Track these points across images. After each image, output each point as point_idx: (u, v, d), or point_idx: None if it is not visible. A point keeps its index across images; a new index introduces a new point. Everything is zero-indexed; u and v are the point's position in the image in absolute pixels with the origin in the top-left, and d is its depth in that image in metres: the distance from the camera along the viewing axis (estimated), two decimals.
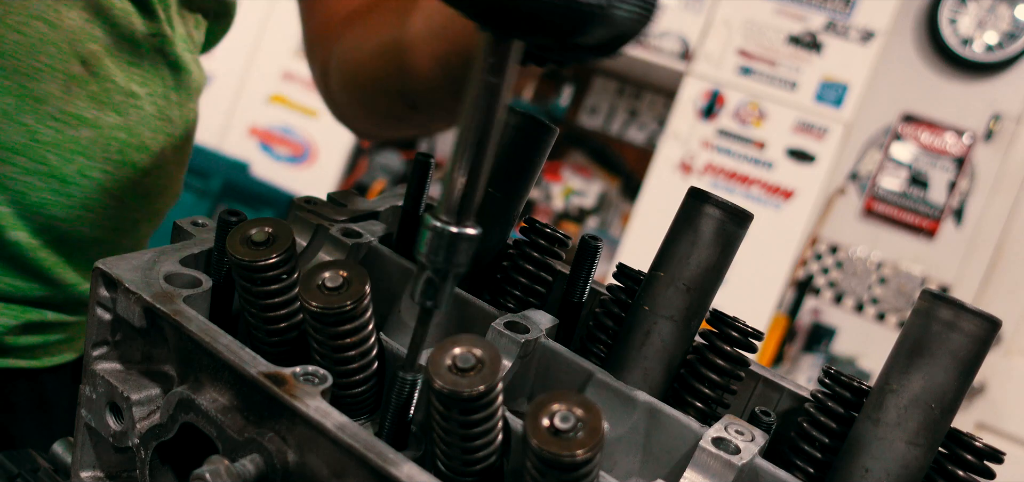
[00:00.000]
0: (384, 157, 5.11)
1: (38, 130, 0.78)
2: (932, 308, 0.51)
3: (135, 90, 0.85)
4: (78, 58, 0.79)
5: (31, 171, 0.78)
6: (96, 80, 0.81)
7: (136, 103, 0.85)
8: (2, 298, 0.83)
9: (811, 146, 4.03)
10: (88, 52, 0.80)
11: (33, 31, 0.76)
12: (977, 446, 0.52)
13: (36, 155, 0.78)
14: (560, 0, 0.42)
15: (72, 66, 0.79)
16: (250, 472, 0.45)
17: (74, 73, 0.79)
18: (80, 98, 0.80)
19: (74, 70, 0.79)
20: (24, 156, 0.78)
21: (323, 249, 0.65)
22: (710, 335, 0.59)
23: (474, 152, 0.47)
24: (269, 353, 0.54)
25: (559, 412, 0.41)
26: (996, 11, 4.12)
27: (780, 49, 4.16)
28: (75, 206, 0.82)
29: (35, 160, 0.78)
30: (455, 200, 0.47)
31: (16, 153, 0.77)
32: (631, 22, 0.46)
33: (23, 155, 0.78)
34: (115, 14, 0.82)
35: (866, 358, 4.09)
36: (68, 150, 0.80)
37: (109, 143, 0.83)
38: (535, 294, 0.66)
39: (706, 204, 0.57)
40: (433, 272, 0.48)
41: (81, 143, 0.81)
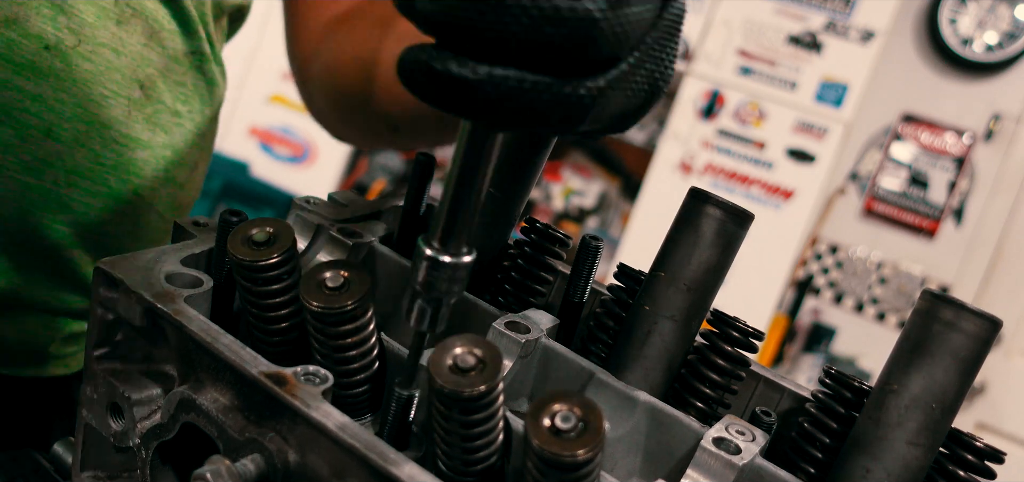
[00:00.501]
0: (384, 157, 5.11)
1: (102, 154, 0.80)
2: (933, 308, 0.51)
3: (179, 109, 0.88)
4: (137, 83, 0.82)
5: (93, 193, 0.81)
6: (151, 102, 0.84)
7: (179, 122, 0.88)
8: (54, 312, 0.85)
9: (811, 146, 4.03)
10: (145, 76, 0.83)
11: (102, 59, 0.78)
12: (978, 446, 0.52)
13: (98, 178, 0.81)
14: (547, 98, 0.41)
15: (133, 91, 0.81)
16: (251, 472, 0.45)
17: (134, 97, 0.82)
18: (138, 121, 0.83)
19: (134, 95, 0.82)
20: (88, 180, 0.80)
21: (323, 249, 0.65)
22: (711, 335, 0.59)
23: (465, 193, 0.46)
24: (270, 353, 0.54)
25: (560, 412, 0.41)
26: (996, 11, 4.12)
27: (780, 49, 4.16)
28: (126, 223, 0.85)
29: (97, 183, 0.81)
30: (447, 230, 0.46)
31: (82, 177, 0.80)
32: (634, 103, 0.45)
33: (88, 179, 0.80)
34: (165, 37, 0.85)
35: (866, 358, 4.09)
36: (126, 172, 0.83)
37: (158, 162, 0.86)
38: (535, 294, 0.66)
39: (707, 204, 0.57)
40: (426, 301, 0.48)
41: (136, 164, 0.84)
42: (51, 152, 0.77)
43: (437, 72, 0.41)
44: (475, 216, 0.46)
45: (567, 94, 0.42)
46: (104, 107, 0.79)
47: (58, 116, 0.76)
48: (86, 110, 0.78)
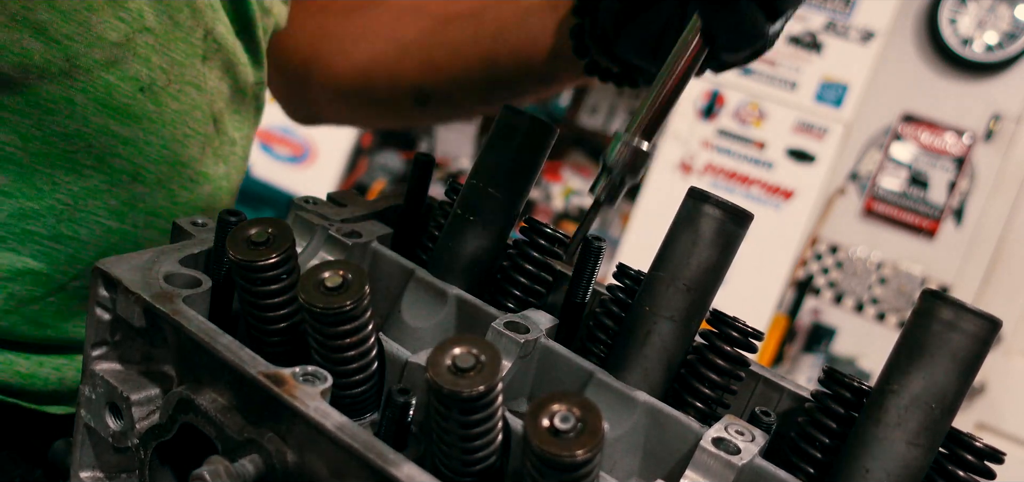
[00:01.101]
0: (384, 157, 5.11)
1: (177, 194, 0.80)
2: (932, 308, 0.51)
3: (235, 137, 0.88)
4: (212, 118, 0.81)
5: (164, 231, 0.80)
6: (218, 136, 0.83)
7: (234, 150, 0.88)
8: None
9: (811, 146, 4.03)
10: (218, 111, 0.82)
11: (188, 97, 0.77)
12: (977, 446, 0.52)
13: (171, 215, 0.80)
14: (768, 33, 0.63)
15: (208, 127, 0.81)
16: (249, 472, 0.45)
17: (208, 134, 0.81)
18: (208, 157, 0.82)
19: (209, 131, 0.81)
20: (164, 218, 0.79)
21: (323, 249, 0.65)
22: (710, 335, 0.59)
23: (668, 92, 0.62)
24: (269, 353, 0.54)
25: (559, 412, 0.41)
26: (996, 11, 4.12)
27: (780, 49, 4.16)
28: None
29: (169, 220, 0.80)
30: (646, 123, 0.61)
31: (159, 217, 0.79)
32: None
33: (163, 218, 0.79)
34: (239, 69, 0.84)
35: (866, 358, 4.09)
36: (193, 207, 0.82)
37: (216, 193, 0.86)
38: (535, 294, 0.66)
39: (706, 204, 0.57)
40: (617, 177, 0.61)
41: (202, 199, 0.83)
42: (136, 195, 0.75)
43: None
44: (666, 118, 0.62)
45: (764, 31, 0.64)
46: (185, 147, 0.78)
47: (146, 158, 0.75)
48: (171, 151, 0.77)
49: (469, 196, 0.65)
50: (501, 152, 0.65)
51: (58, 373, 0.77)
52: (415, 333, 0.63)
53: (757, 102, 4.16)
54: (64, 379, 0.78)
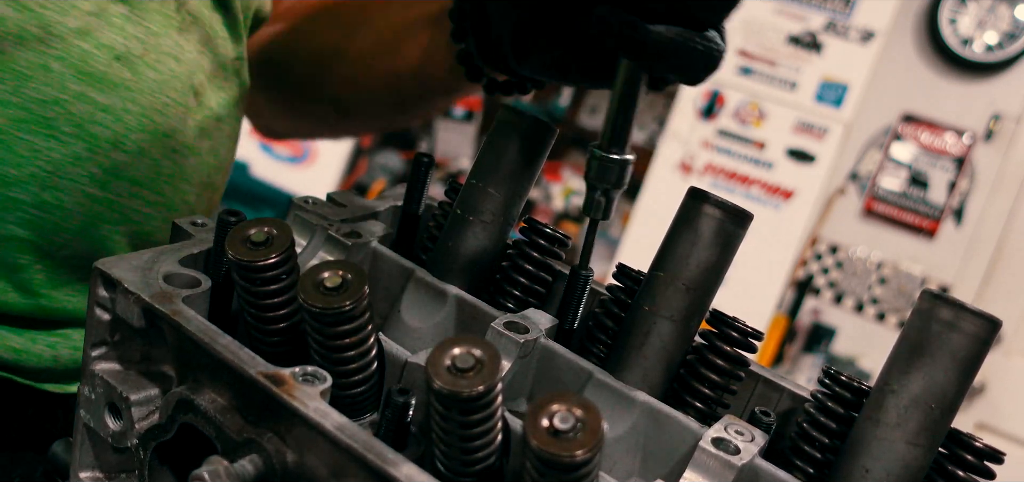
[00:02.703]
0: (384, 157, 5.12)
1: (161, 163, 0.80)
2: (932, 308, 0.50)
3: (221, 114, 0.88)
4: (192, 90, 0.82)
5: (150, 203, 0.81)
6: (201, 109, 0.84)
7: (220, 127, 0.89)
8: None
9: (811, 146, 4.03)
10: (198, 83, 0.83)
11: (165, 67, 0.78)
12: (977, 446, 0.52)
13: (156, 187, 0.81)
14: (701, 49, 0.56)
15: (189, 99, 0.82)
16: (249, 472, 0.45)
17: (190, 105, 0.82)
18: (191, 129, 0.83)
19: (190, 102, 0.82)
20: (148, 189, 0.80)
21: (323, 249, 0.65)
22: (710, 335, 0.59)
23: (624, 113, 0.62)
24: (268, 353, 0.54)
25: (558, 412, 0.41)
26: (996, 11, 4.12)
27: (780, 49, 4.16)
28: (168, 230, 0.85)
29: (155, 192, 0.81)
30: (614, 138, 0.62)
31: (142, 187, 0.80)
32: None
33: (147, 189, 0.80)
34: (218, 42, 0.85)
35: (866, 358, 4.09)
36: (179, 180, 0.83)
37: (203, 168, 0.86)
38: (534, 294, 0.66)
39: (706, 204, 0.57)
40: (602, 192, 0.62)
41: (187, 172, 0.84)
42: (118, 163, 0.76)
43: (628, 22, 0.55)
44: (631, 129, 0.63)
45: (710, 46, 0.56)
46: (165, 116, 0.79)
47: (126, 127, 0.76)
48: (151, 119, 0.78)
49: (469, 196, 0.65)
50: (501, 152, 0.65)
51: (52, 350, 0.79)
52: (415, 333, 0.63)
53: (757, 102, 4.16)
54: (58, 356, 0.79)
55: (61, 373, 0.81)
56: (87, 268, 0.77)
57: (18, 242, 0.73)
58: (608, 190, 0.63)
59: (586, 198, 0.64)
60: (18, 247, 0.73)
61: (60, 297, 0.78)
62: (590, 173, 0.63)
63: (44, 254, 0.75)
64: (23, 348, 0.76)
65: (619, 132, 0.62)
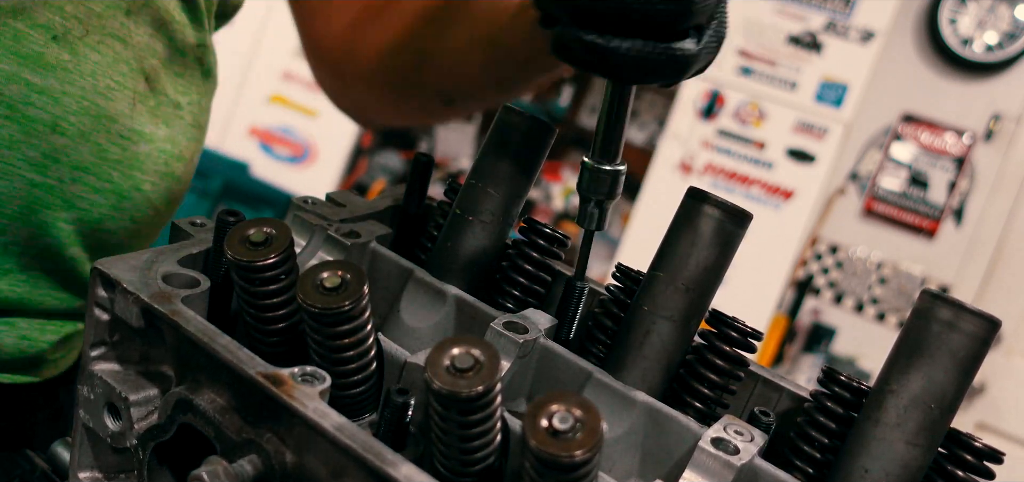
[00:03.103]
0: (384, 157, 5.11)
1: (107, 149, 0.78)
2: (932, 308, 0.50)
3: (180, 101, 0.86)
4: (143, 74, 0.80)
5: (97, 189, 0.79)
6: (154, 95, 0.82)
7: (179, 114, 0.87)
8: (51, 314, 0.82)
9: (811, 146, 4.03)
10: (150, 68, 0.81)
11: (109, 49, 0.76)
12: (977, 446, 0.52)
13: (103, 173, 0.79)
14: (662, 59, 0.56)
15: (139, 83, 0.80)
16: (248, 473, 0.45)
17: (139, 90, 0.80)
18: (142, 115, 0.81)
19: (140, 87, 0.80)
20: (93, 175, 0.78)
21: (322, 249, 0.65)
22: (709, 335, 0.59)
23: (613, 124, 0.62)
24: (267, 353, 0.54)
25: (558, 413, 0.41)
26: (996, 11, 4.12)
27: (780, 49, 4.16)
28: (125, 219, 0.83)
29: (102, 178, 0.79)
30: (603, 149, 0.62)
31: (87, 172, 0.77)
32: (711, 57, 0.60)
33: (92, 174, 0.78)
34: (174, 27, 0.83)
35: (866, 358, 4.08)
36: (129, 166, 0.81)
37: (159, 157, 0.84)
38: (534, 294, 0.66)
39: (705, 204, 0.57)
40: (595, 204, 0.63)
41: (139, 158, 0.82)
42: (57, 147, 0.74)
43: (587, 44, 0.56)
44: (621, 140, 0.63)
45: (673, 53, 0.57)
46: (110, 100, 0.77)
47: (64, 110, 0.74)
48: (93, 102, 0.76)
49: (468, 196, 0.65)
50: (501, 152, 0.65)
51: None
52: (414, 333, 0.63)
53: (757, 102, 4.16)
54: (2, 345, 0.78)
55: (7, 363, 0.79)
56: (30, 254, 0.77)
57: None
58: (601, 201, 0.63)
59: (579, 210, 0.65)
60: None
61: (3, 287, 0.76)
62: (582, 184, 0.63)
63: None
64: None
65: (609, 143, 0.62)
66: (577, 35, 0.56)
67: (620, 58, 0.56)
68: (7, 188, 0.73)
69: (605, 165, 0.62)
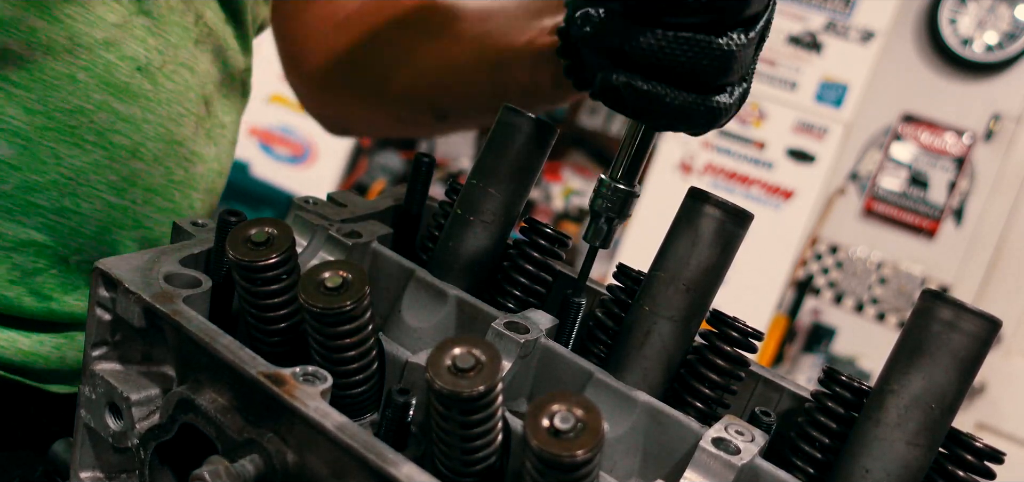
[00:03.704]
0: (384, 157, 5.11)
1: (173, 171, 0.83)
2: (932, 308, 0.51)
3: (225, 121, 0.91)
4: (203, 100, 0.85)
5: (162, 209, 0.83)
6: (210, 118, 0.87)
7: (224, 133, 0.91)
8: None
9: (811, 146, 4.03)
10: (208, 93, 0.86)
11: (181, 78, 0.81)
12: (977, 446, 0.52)
13: (168, 194, 0.83)
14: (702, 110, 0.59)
15: (200, 108, 0.84)
16: (249, 472, 0.45)
17: (201, 115, 0.85)
18: (201, 137, 0.85)
19: (201, 112, 0.85)
20: (161, 196, 0.82)
21: (323, 249, 0.65)
22: (710, 335, 0.59)
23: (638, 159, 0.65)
24: (269, 353, 0.54)
25: (559, 412, 0.41)
26: (996, 11, 4.12)
27: (780, 49, 4.16)
28: None
29: (166, 199, 0.83)
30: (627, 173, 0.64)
31: (156, 194, 0.82)
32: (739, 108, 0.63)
33: (160, 195, 0.82)
34: (229, 54, 0.88)
35: (866, 358, 4.08)
36: (188, 186, 0.85)
37: (209, 175, 0.89)
38: (535, 294, 0.66)
39: (706, 204, 0.57)
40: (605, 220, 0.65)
41: (196, 178, 0.86)
42: (135, 171, 0.78)
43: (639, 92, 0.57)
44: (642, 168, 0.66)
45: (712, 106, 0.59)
46: (180, 125, 0.81)
47: (144, 136, 0.78)
48: (166, 129, 0.80)
49: (469, 196, 0.65)
50: (501, 152, 0.65)
51: (58, 352, 0.80)
52: (415, 333, 0.63)
53: (757, 102, 4.16)
54: (65, 358, 0.80)
55: (67, 374, 0.82)
56: None
57: (37, 247, 0.74)
58: (612, 219, 0.65)
59: (589, 225, 0.66)
60: (36, 252, 0.75)
61: (70, 301, 0.79)
62: (597, 202, 0.65)
63: (60, 259, 0.76)
64: (31, 350, 0.77)
65: (632, 170, 0.65)
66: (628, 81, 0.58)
67: (666, 107, 0.58)
68: (89, 210, 0.76)
69: (622, 185, 0.64)
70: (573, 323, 0.65)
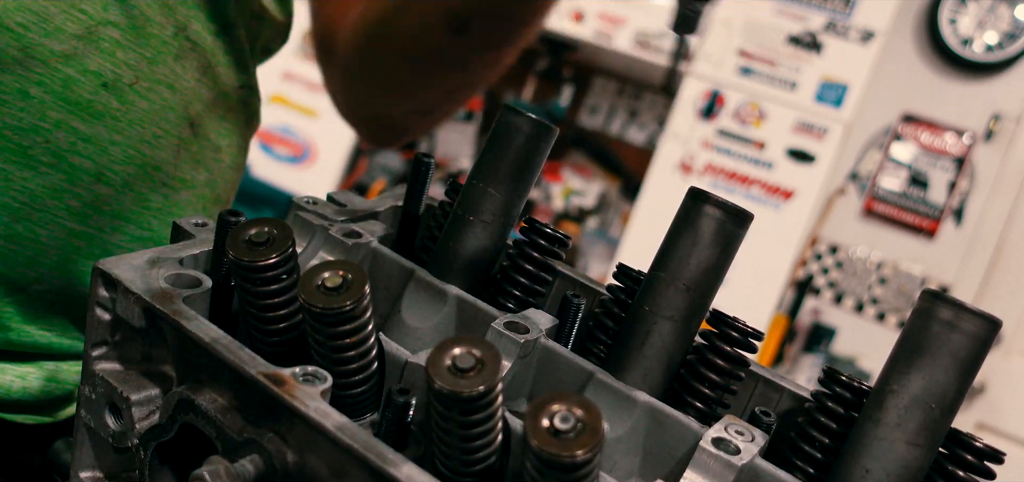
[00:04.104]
0: (384, 157, 5.11)
1: (149, 198, 0.76)
2: (932, 308, 0.51)
3: (221, 144, 0.84)
4: (188, 121, 0.78)
5: (137, 238, 0.77)
6: (197, 140, 0.80)
7: (219, 157, 0.85)
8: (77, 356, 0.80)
9: (811, 146, 4.03)
10: (195, 113, 0.79)
11: (157, 97, 0.74)
12: (977, 446, 0.52)
13: (143, 222, 0.77)
14: None
15: (183, 130, 0.78)
16: (249, 472, 0.45)
17: (184, 137, 0.78)
18: (185, 162, 0.79)
19: (184, 134, 0.78)
20: (134, 224, 0.76)
21: (323, 249, 0.65)
22: (710, 335, 0.59)
23: None
24: (268, 353, 0.54)
25: (559, 412, 0.41)
26: (996, 11, 4.12)
27: (780, 49, 4.16)
28: None
29: (141, 227, 0.77)
30: None
31: (127, 222, 0.76)
32: None
33: (133, 223, 0.76)
34: (219, 71, 0.81)
35: (866, 358, 4.09)
36: (169, 214, 0.79)
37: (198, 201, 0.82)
38: (535, 294, 0.66)
39: (706, 204, 0.57)
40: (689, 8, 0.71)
41: (179, 205, 0.80)
42: (100, 197, 0.72)
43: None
44: None
45: None
46: (156, 148, 0.75)
47: (110, 159, 0.72)
48: (138, 152, 0.74)
49: (469, 196, 0.65)
50: (501, 152, 0.65)
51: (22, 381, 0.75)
52: (415, 333, 0.63)
53: (757, 102, 4.16)
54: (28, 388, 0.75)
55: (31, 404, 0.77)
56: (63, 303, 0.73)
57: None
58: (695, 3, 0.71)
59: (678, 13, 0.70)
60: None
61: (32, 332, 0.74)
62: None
63: (15, 288, 0.71)
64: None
65: None
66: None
67: None
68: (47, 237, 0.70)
69: None
70: (572, 325, 0.65)
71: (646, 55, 4.39)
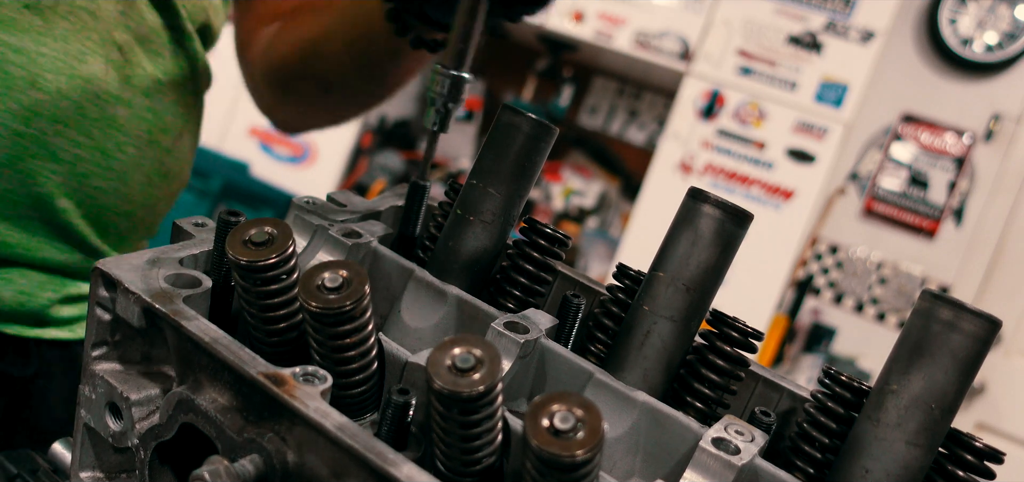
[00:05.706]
0: (384, 157, 5.11)
1: (85, 107, 0.85)
2: (932, 308, 0.51)
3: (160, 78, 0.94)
4: (115, 45, 0.87)
5: (79, 144, 0.86)
6: (129, 65, 0.89)
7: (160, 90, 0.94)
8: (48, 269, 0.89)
9: (811, 146, 4.03)
10: (123, 41, 0.88)
11: (78, 19, 0.84)
12: (977, 446, 0.52)
13: (83, 129, 0.86)
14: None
15: (111, 51, 0.87)
16: (249, 472, 0.45)
17: (112, 57, 0.87)
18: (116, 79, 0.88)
19: (112, 55, 0.87)
20: (74, 129, 0.85)
21: (323, 249, 0.65)
22: (710, 335, 0.59)
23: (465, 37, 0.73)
24: (268, 353, 0.54)
25: (559, 412, 0.41)
26: (996, 11, 4.12)
27: (780, 49, 4.16)
28: (113, 179, 0.90)
29: (82, 133, 0.86)
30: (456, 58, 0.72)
31: (67, 126, 0.84)
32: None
33: (73, 128, 0.85)
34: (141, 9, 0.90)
35: (866, 358, 4.08)
36: (108, 126, 0.88)
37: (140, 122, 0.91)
38: (535, 294, 0.66)
39: (706, 204, 0.57)
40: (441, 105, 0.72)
41: (118, 120, 0.89)
42: (37, 101, 0.81)
43: None
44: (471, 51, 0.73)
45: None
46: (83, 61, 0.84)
47: (40, 68, 0.81)
48: (66, 62, 0.83)
49: (469, 196, 0.65)
50: (501, 152, 0.65)
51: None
52: (415, 333, 0.63)
53: (757, 102, 4.15)
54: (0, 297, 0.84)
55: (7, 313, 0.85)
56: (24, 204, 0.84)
57: None
58: (447, 105, 0.72)
59: (427, 112, 0.72)
60: None
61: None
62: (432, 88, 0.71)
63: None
64: None
65: (460, 53, 0.72)
66: None
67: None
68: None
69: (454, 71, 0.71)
70: (573, 325, 0.65)
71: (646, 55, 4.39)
